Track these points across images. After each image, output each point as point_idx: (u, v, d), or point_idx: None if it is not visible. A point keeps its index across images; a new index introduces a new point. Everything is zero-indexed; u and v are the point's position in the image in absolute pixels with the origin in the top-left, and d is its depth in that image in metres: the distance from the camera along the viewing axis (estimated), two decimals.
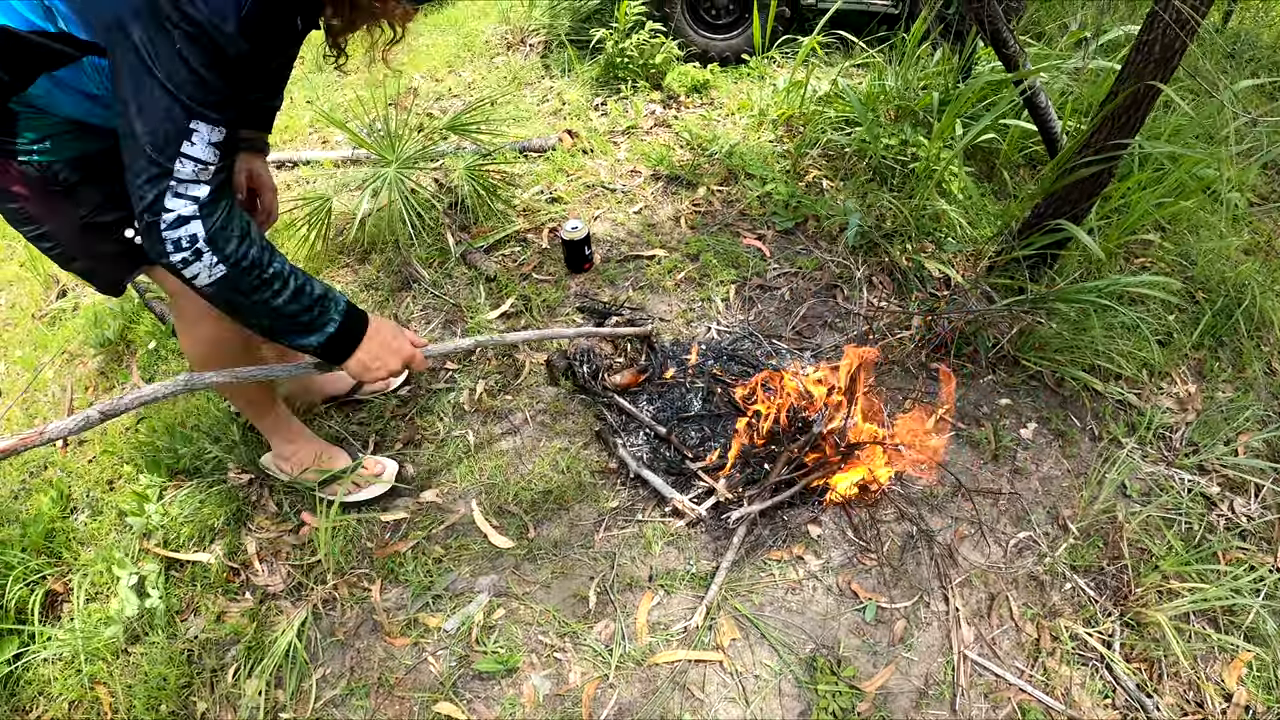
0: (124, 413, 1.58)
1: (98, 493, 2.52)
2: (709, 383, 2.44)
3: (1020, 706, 1.94)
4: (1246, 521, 2.24)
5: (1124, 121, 2.17)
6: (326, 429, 2.47)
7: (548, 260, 2.89)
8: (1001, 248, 2.50)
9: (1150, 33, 2.06)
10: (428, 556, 2.24)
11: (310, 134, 3.91)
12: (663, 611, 2.09)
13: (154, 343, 2.84)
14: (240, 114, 1.37)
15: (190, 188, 1.31)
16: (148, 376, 2.76)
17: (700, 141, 3.22)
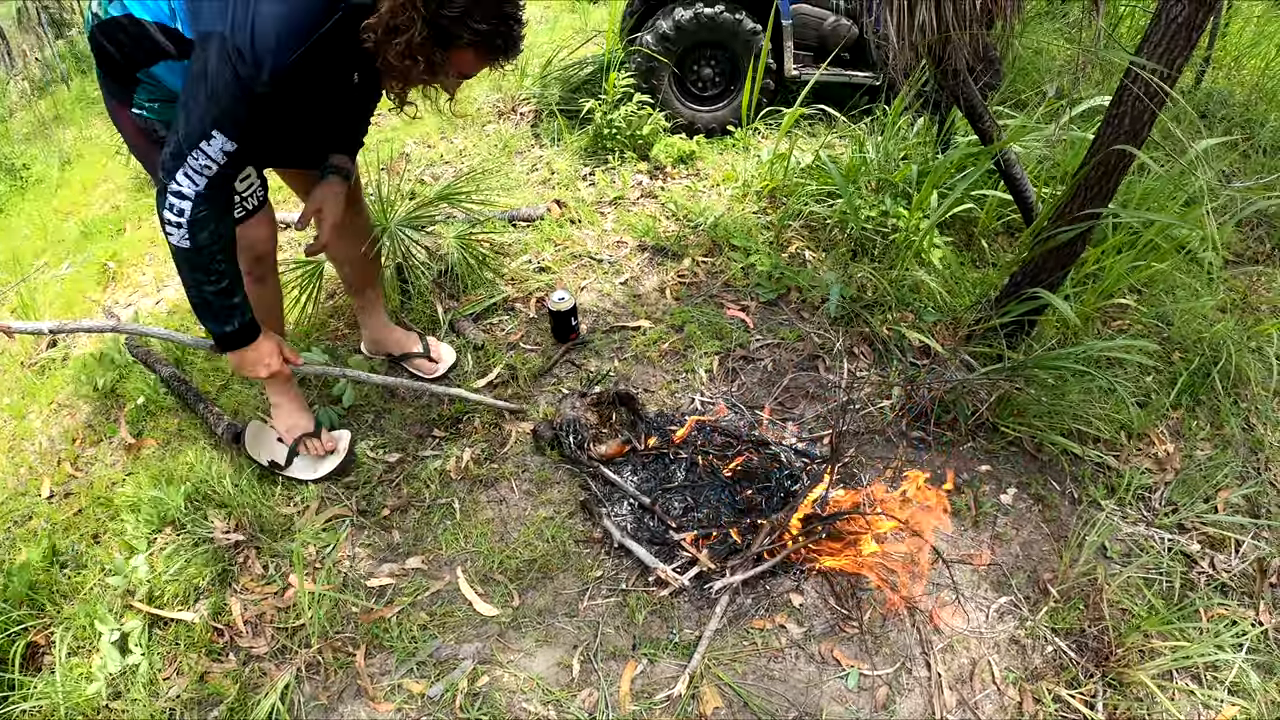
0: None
1: (82, 546, 2.63)
2: (692, 454, 2.58)
3: None
4: (1227, 577, 2.36)
5: (1097, 190, 2.36)
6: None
7: (534, 329, 3.06)
8: (980, 316, 2.67)
9: (1120, 105, 2.26)
10: (413, 623, 2.34)
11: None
12: (646, 680, 2.20)
13: (143, 398, 2.97)
14: (262, 138, 1.88)
15: (196, 176, 1.82)
16: (135, 431, 2.90)
17: (686, 213, 3.42)
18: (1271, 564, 2.37)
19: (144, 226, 4.28)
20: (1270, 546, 2.40)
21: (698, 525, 2.44)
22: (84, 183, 4.92)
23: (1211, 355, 2.80)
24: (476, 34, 1.81)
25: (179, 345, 3.13)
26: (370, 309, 2.89)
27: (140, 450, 2.86)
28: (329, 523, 2.58)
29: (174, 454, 2.85)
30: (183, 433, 2.90)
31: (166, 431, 2.91)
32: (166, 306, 3.52)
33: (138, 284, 3.79)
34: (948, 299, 2.87)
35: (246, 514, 2.56)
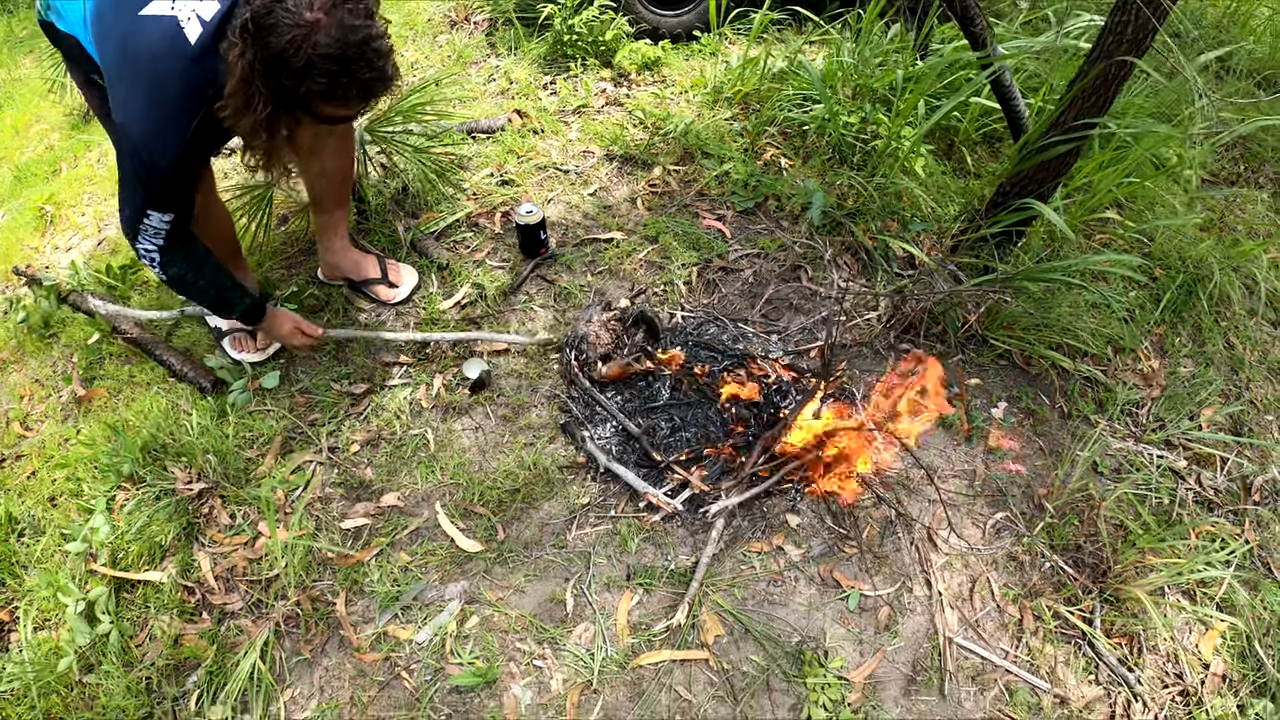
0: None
1: (39, 511, 2.36)
2: (677, 372, 2.38)
3: (1007, 687, 1.95)
4: (1213, 494, 2.28)
5: (1094, 101, 2.17)
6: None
7: (501, 246, 2.79)
8: (966, 226, 2.49)
9: (1123, 13, 2.05)
10: (393, 565, 2.14)
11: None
12: (643, 611, 2.04)
13: (97, 334, 2.69)
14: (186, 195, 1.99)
15: (153, 239, 2.00)
16: (90, 376, 2.59)
17: (654, 120, 3.13)
18: (1255, 482, 2.30)
19: (80, 164, 3.85)
20: (1253, 465, 2.33)
21: (686, 446, 2.27)
22: (15, 126, 4.45)
23: (1194, 273, 2.67)
24: (323, 90, 1.77)
25: (120, 280, 2.83)
26: (332, 229, 2.67)
27: (91, 401, 2.57)
28: (296, 467, 2.34)
29: (127, 402, 2.56)
30: (134, 379, 2.60)
31: (117, 379, 2.61)
32: (109, 246, 3.16)
33: (77, 225, 3.41)
34: (934, 208, 2.68)
35: (209, 461, 2.30)
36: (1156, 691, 1.96)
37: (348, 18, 1.71)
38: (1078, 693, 1.96)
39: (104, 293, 2.82)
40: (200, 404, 2.48)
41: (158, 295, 2.83)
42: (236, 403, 2.46)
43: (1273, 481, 2.29)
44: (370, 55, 1.75)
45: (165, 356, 2.59)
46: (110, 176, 3.56)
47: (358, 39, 1.72)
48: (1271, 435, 2.38)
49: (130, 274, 2.85)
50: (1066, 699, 1.94)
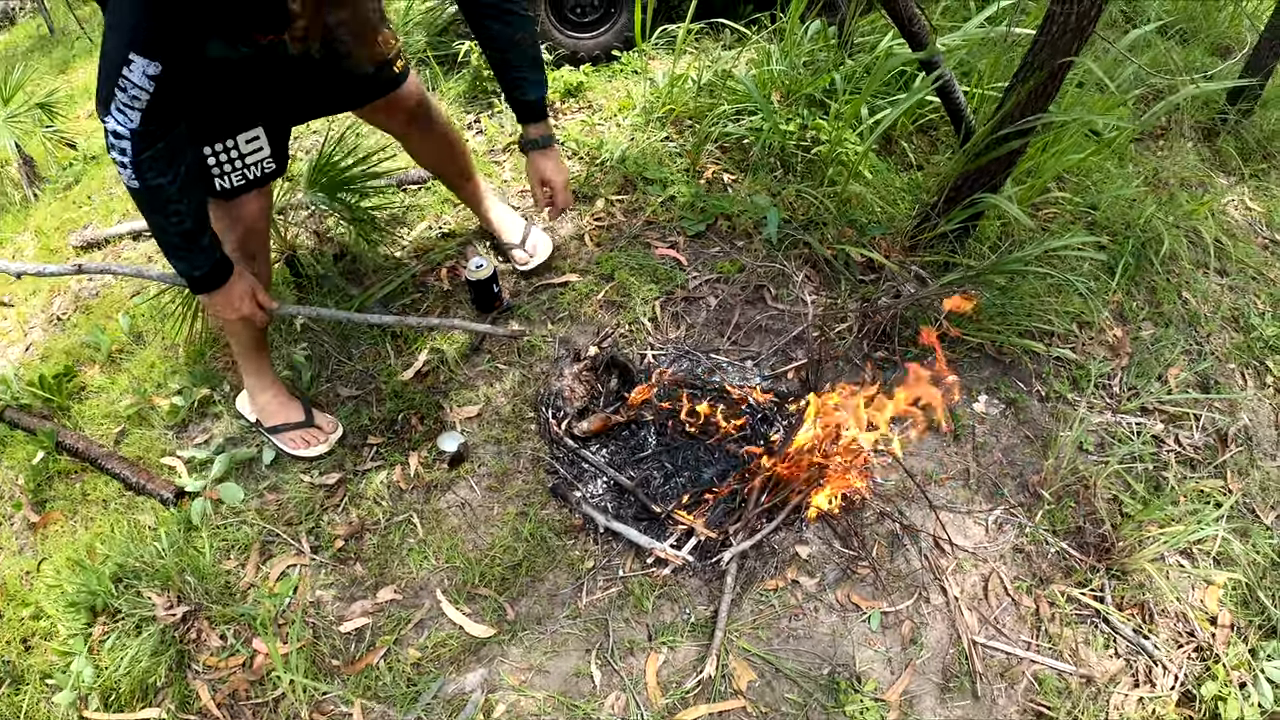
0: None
1: (14, 657, 2.12)
2: (658, 415, 2.26)
3: (1035, 677, 1.94)
4: (1192, 451, 2.28)
5: (1043, 92, 2.11)
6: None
7: (453, 303, 2.61)
8: (921, 224, 2.42)
9: (1063, 3, 1.97)
10: (404, 663, 1.99)
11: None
12: (671, 669, 1.95)
13: (42, 452, 2.40)
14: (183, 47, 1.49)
15: (129, 110, 1.49)
16: (37, 502, 2.34)
17: (587, 150, 2.97)
18: (1229, 432, 2.32)
19: None
20: (1224, 416, 2.35)
21: (683, 491, 2.16)
22: None
23: (1140, 236, 2.67)
24: None
25: (56, 392, 2.55)
26: (470, 200, 2.66)
27: (47, 526, 2.33)
28: (281, 573, 2.15)
29: (85, 524, 2.33)
30: (88, 496, 2.37)
31: (70, 499, 2.37)
32: (36, 352, 2.87)
33: (1, 331, 3.10)
34: (886, 209, 2.60)
35: (187, 582, 2.09)
36: (1173, 653, 1.98)
37: None
38: (1100, 669, 1.96)
39: (41, 407, 2.55)
40: (164, 517, 2.26)
41: (98, 404, 2.58)
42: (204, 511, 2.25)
43: (1244, 429, 2.32)
44: None
45: (117, 469, 2.36)
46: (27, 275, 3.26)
47: None
48: (1236, 383, 2.42)
49: (65, 382, 2.59)
50: (1092, 677, 1.94)
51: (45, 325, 2.98)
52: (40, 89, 4.21)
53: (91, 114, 4.16)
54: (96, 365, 2.69)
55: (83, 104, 4.37)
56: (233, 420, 2.46)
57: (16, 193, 3.67)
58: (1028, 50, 2.11)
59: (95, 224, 3.29)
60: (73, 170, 3.69)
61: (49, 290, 3.13)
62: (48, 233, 3.43)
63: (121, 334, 2.73)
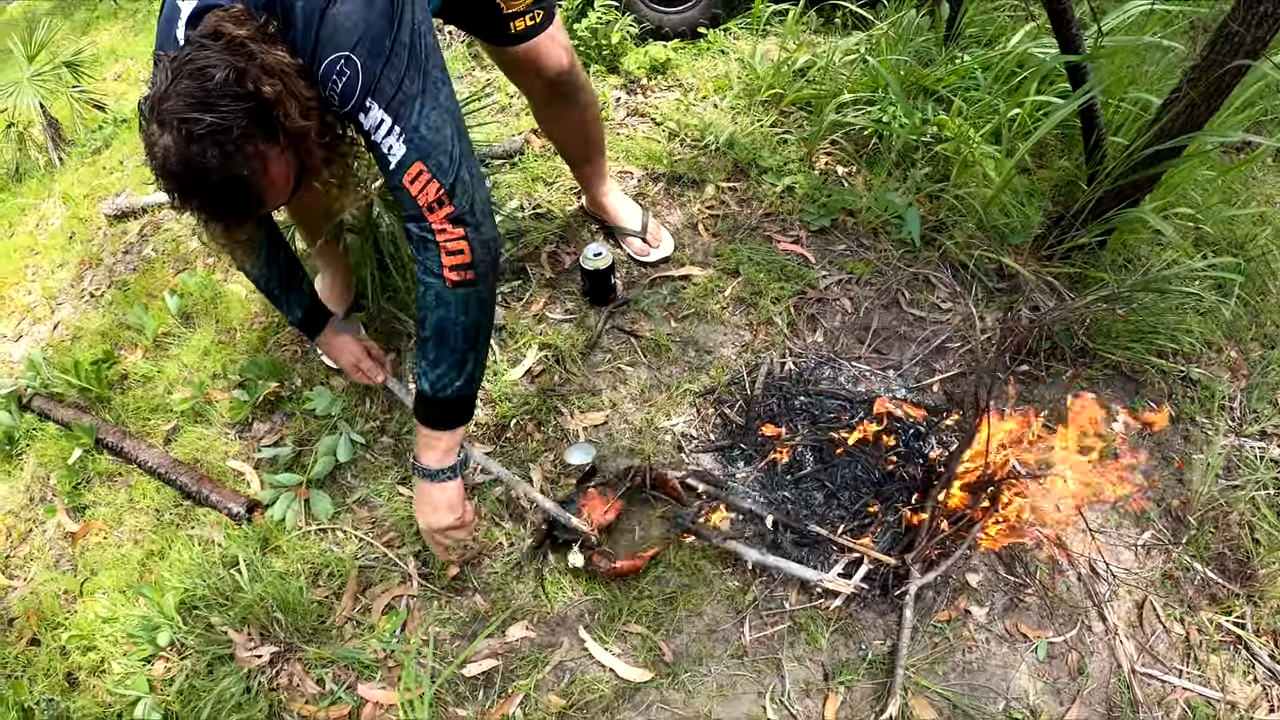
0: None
1: (58, 696, 1.69)
2: (813, 432, 1.97)
3: (1188, 704, 1.77)
4: None
5: (1203, 109, 1.92)
6: None
7: (559, 294, 2.24)
8: (1060, 235, 2.21)
9: (1241, 23, 1.78)
10: (547, 712, 1.64)
11: None
12: (850, 710, 1.67)
13: (76, 453, 1.98)
14: None
15: None
16: (74, 508, 1.90)
17: (688, 131, 2.62)
18: None
19: (17, 232, 2.94)
20: None
21: (848, 514, 1.88)
22: None
23: (1246, 256, 2.45)
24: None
25: (94, 380, 2.07)
26: (587, 181, 2.32)
27: (88, 537, 1.88)
28: (387, 605, 1.77)
29: (134, 538, 1.90)
30: (135, 504, 1.93)
31: (113, 505, 1.93)
32: (67, 332, 2.37)
33: (24, 308, 2.57)
34: (1025, 215, 2.36)
35: (273, 616, 1.70)
36: None
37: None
38: (1242, 695, 1.82)
39: (77, 397, 2.06)
40: (235, 534, 1.84)
41: (143, 395, 2.12)
42: (285, 522, 1.84)
43: None
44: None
45: (173, 474, 1.92)
46: (53, 245, 2.74)
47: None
48: None
49: (105, 369, 2.10)
50: (1236, 704, 1.81)
51: (76, 302, 2.48)
52: (66, 49, 3.60)
53: (120, 76, 3.59)
54: (139, 350, 2.22)
55: (109, 65, 3.76)
56: (307, 419, 2.05)
57: (41, 156, 3.14)
58: (1194, 66, 1.95)
59: (129, 191, 2.77)
60: (101, 134, 3.14)
61: (79, 262, 2.62)
62: (76, 199, 2.90)
63: (169, 315, 2.25)
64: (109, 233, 2.68)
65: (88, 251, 2.65)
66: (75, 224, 2.83)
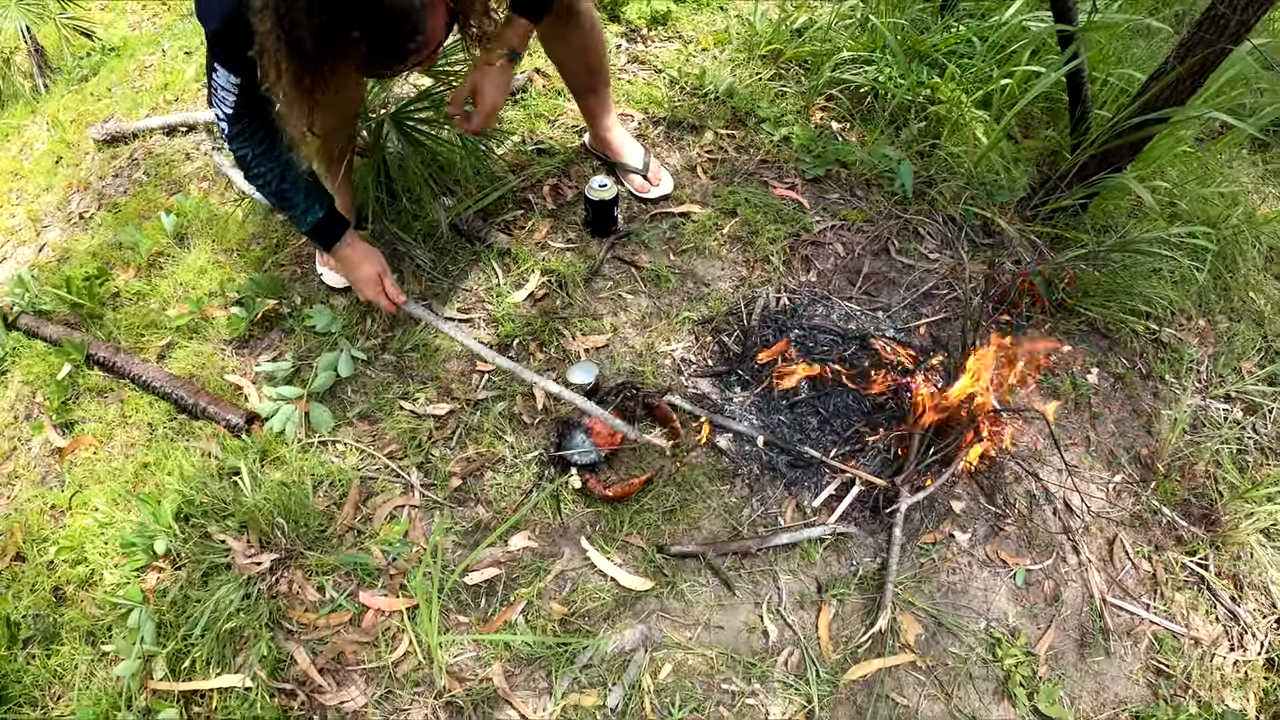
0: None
1: (46, 610, 1.67)
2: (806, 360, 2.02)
3: (1155, 637, 1.88)
4: (1266, 440, 2.32)
5: (1189, 83, 2.04)
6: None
7: (561, 224, 2.25)
8: (1044, 196, 2.32)
9: (1228, 5, 1.89)
10: (548, 619, 1.67)
11: (199, 89, 2.78)
12: (842, 622, 1.74)
13: (65, 369, 1.95)
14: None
15: (221, 104, 1.60)
16: (65, 421, 1.88)
17: (687, 79, 2.65)
18: None
19: (0, 156, 2.84)
20: None
21: (839, 438, 1.94)
22: None
23: (1217, 233, 2.54)
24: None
25: (85, 296, 2.04)
26: (591, 114, 2.32)
27: (77, 452, 1.84)
28: (389, 514, 1.78)
29: (125, 452, 1.87)
30: (127, 419, 1.90)
31: (104, 421, 1.89)
32: (53, 254, 2.31)
33: (8, 230, 2.48)
34: (1011, 178, 2.43)
35: (271, 521, 1.69)
36: (1259, 622, 1.98)
37: None
38: (1205, 632, 1.94)
39: (67, 313, 2.02)
40: (233, 446, 1.83)
41: (136, 312, 2.08)
42: (284, 434, 1.83)
43: None
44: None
45: (168, 388, 1.89)
46: (38, 169, 2.66)
47: None
48: None
49: (97, 285, 2.05)
50: (1200, 640, 1.92)
51: (64, 225, 2.40)
52: None
53: (106, 6, 3.48)
54: (132, 269, 2.17)
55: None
56: (307, 335, 2.03)
57: (26, 82, 3.07)
58: (1178, 45, 2.07)
59: (118, 116, 2.68)
60: (89, 61, 3.03)
61: (66, 185, 2.54)
62: (64, 124, 2.81)
63: (164, 235, 2.21)
64: (98, 157, 2.60)
65: (75, 175, 2.57)
66: (62, 148, 2.74)
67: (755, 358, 2.03)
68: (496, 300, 2.07)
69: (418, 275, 2.13)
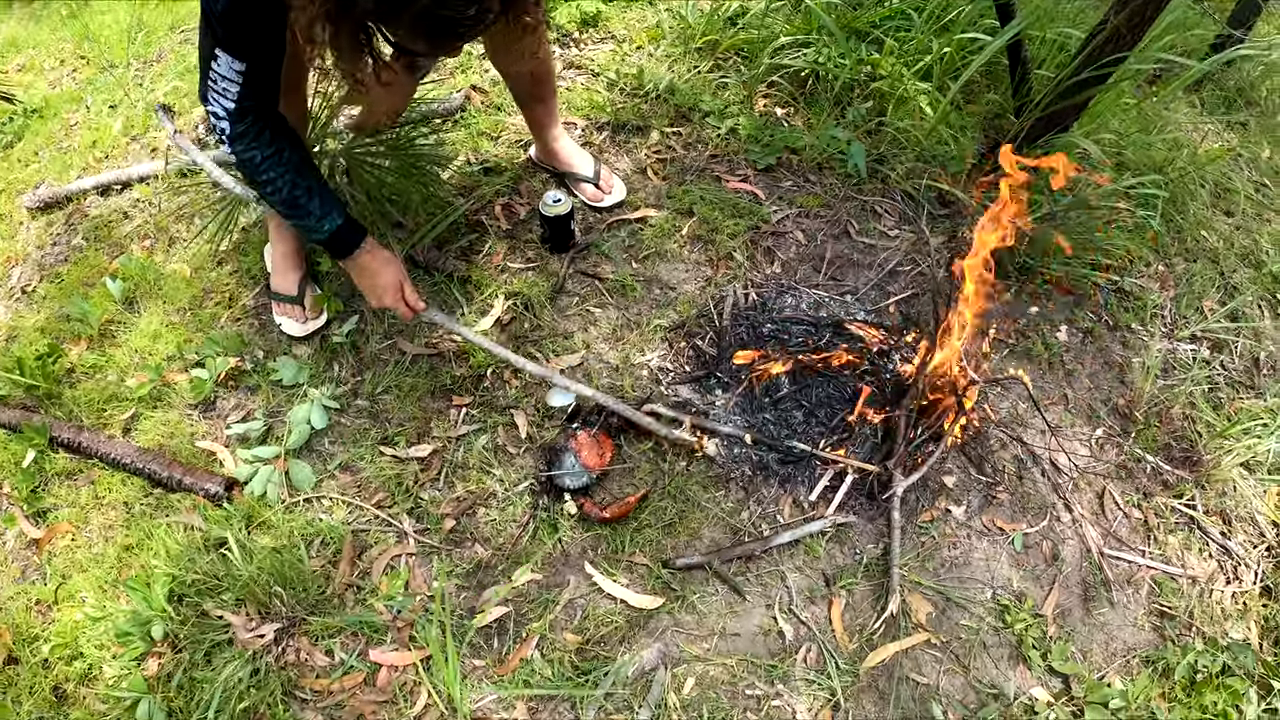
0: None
1: (46, 712, 1.59)
2: (785, 357, 2.02)
3: (1154, 581, 1.93)
4: (1235, 375, 2.37)
5: (1128, 38, 2.07)
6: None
7: (518, 244, 2.20)
8: (995, 164, 2.35)
9: None
10: (564, 650, 1.65)
11: (128, 143, 2.65)
12: (854, 612, 1.75)
13: (29, 456, 1.86)
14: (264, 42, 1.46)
15: (220, 97, 1.50)
16: (38, 510, 1.78)
17: (626, 79, 2.60)
18: (1260, 357, 2.40)
19: None
20: (1253, 342, 2.38)
21: (825, 429, 1.94)
22: None
23: (1164, 178, 2.60)
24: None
25: (39, 377, 1.94)
26: (538, 124, 2.27)
27: (54, 541, 1.76)
28: (386, 566, 1.74)
29: (104, 535, 1.79)
30: (102, 500, 1.81)
31: (78, 506, 1.80)
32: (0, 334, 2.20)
33: None
34: (961, 146, 2.42)
35: (268, 590, 1.64)
36: (1251, 553, 2.05)
37: None
38: (1201, 569, 1.99)
39: (23, 397, 1.93)
40: (215, 516, 1.76)
41: (95, 387, 1.99)
42: (266, 496, 1.77)
43: (1271, 355, 2.47)
44: None
45: (141, 464, 1.81)
46: None
47: None
48: (1256, 314, 2.50)
49: (50, 362, 1.95)
50: (1196, 578, 1.98)
51: (6, 301, 2.28)
52: None
53: (23, 67, 3.26)
54: (84, 341, 2.06)
55: (10, 57, 3.41)
56: (274, 390, 1.96)
57: None
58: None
59: (49, 181, 2.55)
60: (12, 126, 2.86)
61: (3, 259, 2.40)
62: None
63: (112, 302, 2.11)
64: (33, 226, 2.47)
65: (12, 248, 2.44)
66: None
67: (731, 359, 2.01)
68: (472, 325, 1.99)
69: (379, 315, 2.08)
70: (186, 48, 3.02)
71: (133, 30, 3.10)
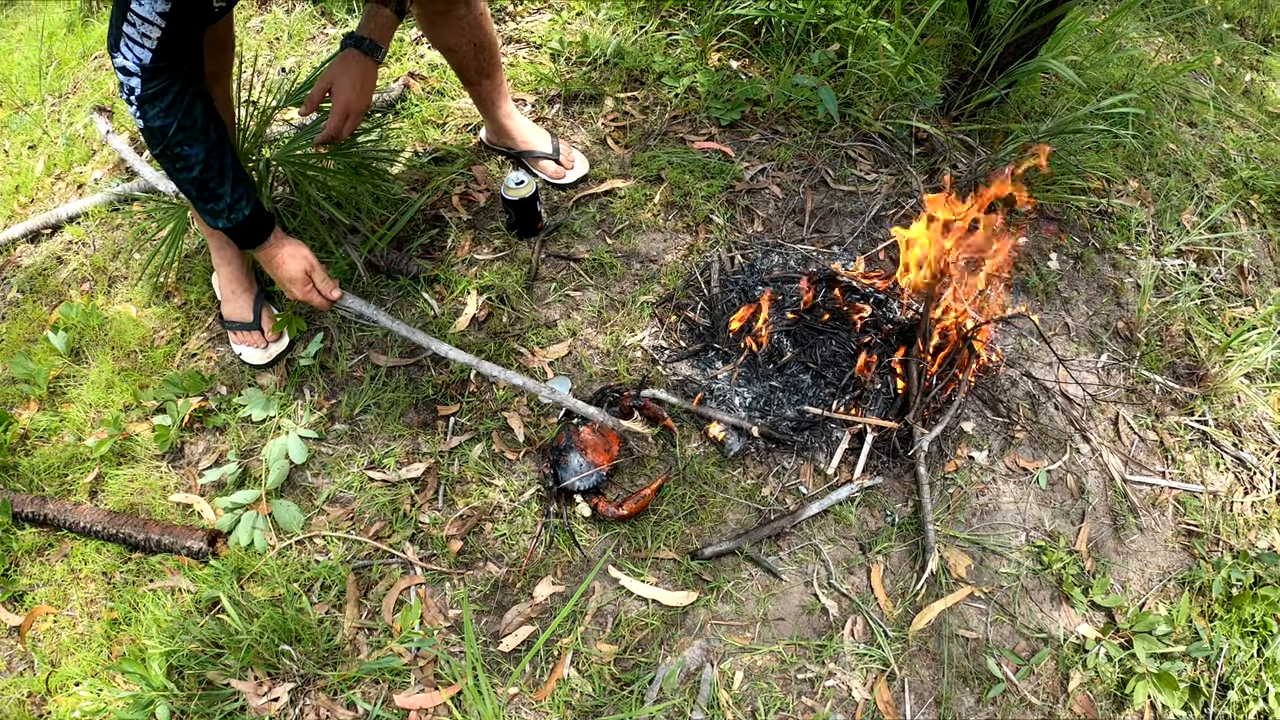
0: None
1: None
2: (783, 317, 1.92)
3: (1177, 500, 1.91)
4: (1223, 283, 2.35)
5: None
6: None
7: (483, 233, 2.05)
8: (966, 94, 2.27)
9: None
10: (601, 663, 1.55)
11: (53, 183, 2.43)
12: (893, 576, 1.69)
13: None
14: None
15: (136, 47, 1.30)
16: (14, 594, 1.61)
17: (572, 48, 2.43)
18: (1243, 264, 2.39)
19: None
20: (1235, 250, 2.36)
21: (836, 389, 1.85)
22: None
23: (1127, 94, 2.52)
24: None
25: None
26: (487, 101, 2.14)
27: (35, 626, 1.59)
28: (396, 602, 1.61)
29: (87, 611, 1.63)
30: (78, 573, 1.63)
31: (55, 583, 1.63)
32: None
33: None
34: (928, 77, 2.33)
35: (274, 648, 1.50)
36: (1264, 460, 2.05)
37: None
38: (1220, 484, 1.98)
39: None
40: (202, 574, 1.61)
41: (52, 451, 1.81)
42: (254, 545, 1.63)
43: (1254, 262, 2.46)
44: None
45: (115, 529, 1.64)
46: None
47: None
48: (1235, 221, 2.47)
49: (1, 432, 1.75)
50: (1216, 493, 1.97)
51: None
52: None
53: None
54: (33, 403, 1.87)
55: None
56: (244, 426, 1.80)
57: None
58: None
59: None
60: None
61: None
62: None
63: (58, 356, 1.92)
64: None
65: None
66: None
67: (727, 327, 1.91)
68: (439, 335, 1.87)
69: (345, 329, 1.93)
70: (101, 74, 2.76)
71: (44, 65, 2.83)
